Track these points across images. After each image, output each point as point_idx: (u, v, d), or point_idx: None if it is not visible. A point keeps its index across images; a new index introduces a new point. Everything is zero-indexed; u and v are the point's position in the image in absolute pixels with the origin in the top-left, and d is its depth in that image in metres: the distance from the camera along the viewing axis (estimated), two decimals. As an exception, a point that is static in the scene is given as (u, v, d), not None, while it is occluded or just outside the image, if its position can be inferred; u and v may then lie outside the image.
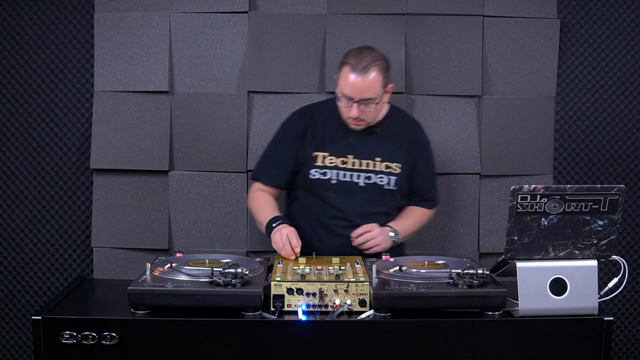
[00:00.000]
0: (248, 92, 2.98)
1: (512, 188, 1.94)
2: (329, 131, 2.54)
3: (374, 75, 2.36)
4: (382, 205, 2.55)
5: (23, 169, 3.04)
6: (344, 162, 2.52)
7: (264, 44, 2.96)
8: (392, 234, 2.50)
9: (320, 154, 2.52)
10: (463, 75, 3.00)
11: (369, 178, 2.52)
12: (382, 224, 2.51)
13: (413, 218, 2.63)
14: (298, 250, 2.30)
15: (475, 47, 3.00)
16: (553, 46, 3.03)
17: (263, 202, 2.57)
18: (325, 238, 2.53)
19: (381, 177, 2.52)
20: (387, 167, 2.53)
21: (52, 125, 3.03)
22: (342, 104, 2.43)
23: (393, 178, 2.53)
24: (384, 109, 2.57)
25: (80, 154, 3.04)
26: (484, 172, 3.04)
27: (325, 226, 2.55)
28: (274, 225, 2.43)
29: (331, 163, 2.52)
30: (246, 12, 2.95)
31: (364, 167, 2.52)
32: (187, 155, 2.99)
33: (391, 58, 2.94)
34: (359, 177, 2.52)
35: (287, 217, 2.56)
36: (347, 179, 2.52)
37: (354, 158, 2.52)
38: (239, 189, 2.99)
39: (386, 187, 2.53)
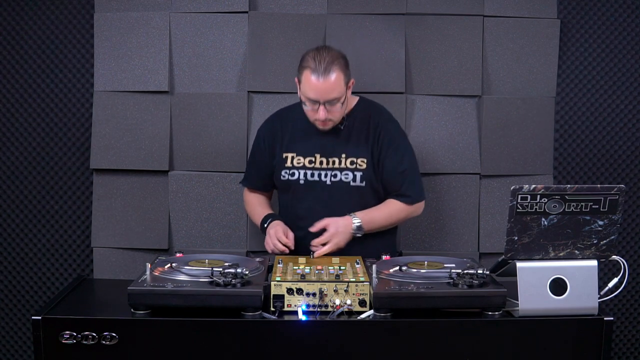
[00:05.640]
0: (248, 92, 2.98)
1: (512, 188, 1.94)
2: (297, 132, 2.56)
3: (335, 75, 2.36)
4: (350, 203, 2.51)
5: (23, 169, 3.04)
6: (311, 162, 2.53)
7: (264, 44, 2.96)
8: (355, 224, 2.43)
9: (289, 155, 2.55)
10: (463, 75, 3.00)
11: (335, 176, 2.52)
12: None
13: (386, 210, 2.53)
14: (291, 244, 2.41)
15: (475, 47, 3.00)
16: (553, 46, 3.02)
17: (254, 203, 2.70)
18: (299, 238, 2.49)
19: (346, 174, 2.51)
20: (352, 162, 2.52)
21: (52, 125, 3.03)
22: (307, 108, 2.43)
23: (359, 174, 2.51)
24: (351, 102, 2.57)
25: (80, 154, 3.04)
26: (484, 172, 3.04)
27: (298, 227, 2.53)
28: (265, 225, 2.53)
29: (298, 163, 2.54)
30: (246, 12, 2.95)
31: (330, 165, 2.52)
32: (187, 155, 2.99)
33: (391, 58, 2.97)
34: (326, 175, 2.52)
35: None
36: (315, 178, 2.53)
37: (321, 157, 2.53)
38: (239, 189, 2.98)
39: (352, 183, 2.51)
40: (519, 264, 2.00)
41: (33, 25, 2.98)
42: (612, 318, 2.01)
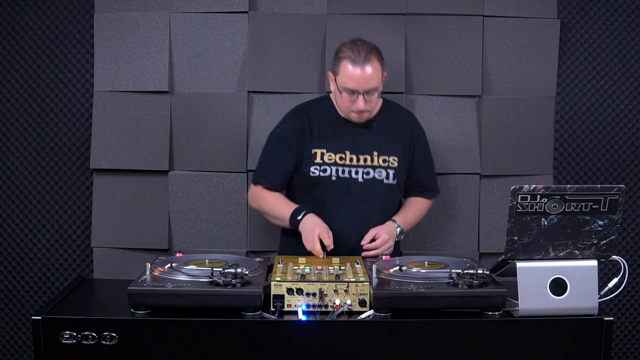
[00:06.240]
0: (248, 92, 2.98)
1: (512, 188, 1.94)
2: (326, 128, 2.54)
3: (374, 64, 2.39)
4: (382, 201, 2.54)
5: (23, 169, 3.04)
6: (341, 159, 2.52)
7: (264, 44, 2.96)
8: (398, 229, 2.53)
9: (318, 151, 2.51)
10: (463, 75, 3.00)
11: (367, 173, 2.52)
12: (386, 219, 2.54)
13: (415, 209, 2.65)
14: (331, 245, 2.36)
15: (475, 47, 3.00)
16: (553, 46, 3.03)
17: (273, 198, 2.56)
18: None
19: (380, 172, 2.52)
20: (385, 161, 2.53)
21: (52, 125, 3.03)
22: (345, 99, 2.42)
23: (391, 172, 2.53)
24: (379, 102, 2.58)
25: (80, 154, 3.04)
26: (484, 172, 3.04)
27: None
28: (299, 218, 2.44)
29: (330, 160, 2.51)
30: (246, 12, 2.95)
31: (361, 163, 2.52)
32: (187, 155, 2.99)
33: (391, 58, 2.96)
34: (357, 172, 2.51)
35: None
36: (346, 175, 2.51)
37: (352, 154, 2.52)
38: (239, 189, 2.99)
39: (385, 181, 2.53)
40: (519, 264, 2.00)
41: (33, 25, 2.98)
42: (612, 318, 2.01)
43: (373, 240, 2.47)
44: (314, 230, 2.36)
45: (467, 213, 3.05)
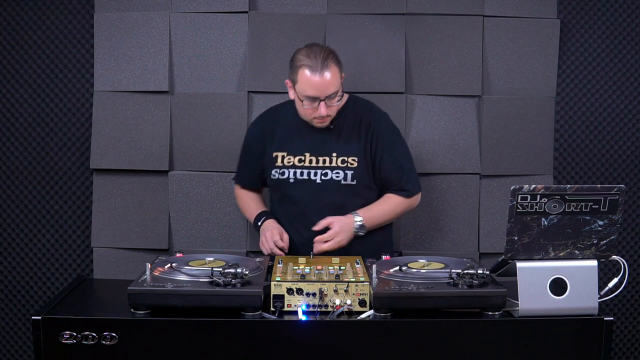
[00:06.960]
0: (248, 92, 2.98)
1: (512, 188, 1.94)
2: (287, 131, 2.57)
3: (332, 69, 2.39)
4: (342, 201, 2.52)
5: (23, 169, 3.04)
6: (300, 161, 2.53)
7: (264, 44, 2.96)
8: (358, 223, 2.47)
9: (279, 154, 2.56)
10: (463, 75, 3.00)
11: (325, 174, 2.52)
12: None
13: (386, 205, 2.56)
14: (286, 247, 2.47)
15: (475, 47, 3.00)
16: (553, 46, 3.03)
17: (246, 199, 2.73)
18: (292, 237, 2.54)
19: (337, 173, 2.51)
20: (344, 161, 2.51)
21: (52, 125, 3.03)
22: (306, 106, 2.42)
23: (350, 172, 2.50)
24: (342, 100, 2.55)
25: (80, 154, 3.04)
26: (484, 172, 3.04)
27: (290, 225, 2.56)
28: (259, 223, 2.57)
29: (289, 162, 2.54)
30: (246, 12, 2.95)
31: (320, 164, 2.52)
32: (187, 155, 3.00)
33: (391, 58, 2.97)
34: (315, 174, 2.52)
35: None
36: (305, 177, 2.52)
37: (311, 156, 2.53)
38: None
39: (343, 182, 2.51)
40: (519, 264, 2.00)
41: (33, 25, 2.98)
42: (612, 318, 2.00)
43: (326, 229, 2.44)
44: (266, 233, 2.50)
45: (467, 213, 3.05)
